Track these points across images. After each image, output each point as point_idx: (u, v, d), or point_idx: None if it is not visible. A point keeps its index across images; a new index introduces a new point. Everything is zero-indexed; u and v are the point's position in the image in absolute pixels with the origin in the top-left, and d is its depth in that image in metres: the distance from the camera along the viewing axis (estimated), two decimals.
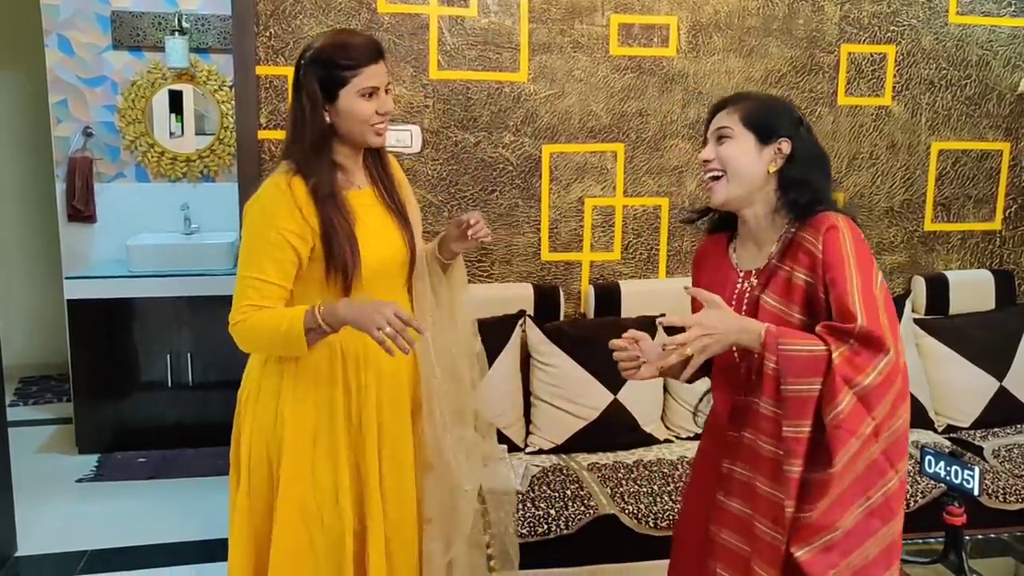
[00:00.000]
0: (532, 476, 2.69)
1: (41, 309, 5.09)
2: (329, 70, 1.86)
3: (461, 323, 2.09)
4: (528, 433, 2.96)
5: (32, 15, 4.33)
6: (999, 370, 3.20)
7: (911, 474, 2.69)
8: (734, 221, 1.80)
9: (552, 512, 2.52)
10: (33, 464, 3.92)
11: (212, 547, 3.15)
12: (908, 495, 2.66)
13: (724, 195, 1.71)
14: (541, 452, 2.90)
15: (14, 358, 4.99)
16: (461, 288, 2.12)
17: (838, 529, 1.53)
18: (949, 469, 2.04)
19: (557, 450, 2.91)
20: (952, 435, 3.13)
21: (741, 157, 1.69)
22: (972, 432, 3.14)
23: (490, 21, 3.05)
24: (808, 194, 1.67)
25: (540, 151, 3.14)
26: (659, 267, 3.28)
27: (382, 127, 1.92)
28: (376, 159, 2.02)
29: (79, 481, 3.78)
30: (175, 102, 4.40)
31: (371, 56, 1.88)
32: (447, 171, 3.09)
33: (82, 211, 4.32)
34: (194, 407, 4.08)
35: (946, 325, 3.28)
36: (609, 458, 2.86)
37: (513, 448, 2.88)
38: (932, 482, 2.61)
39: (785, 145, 1.69)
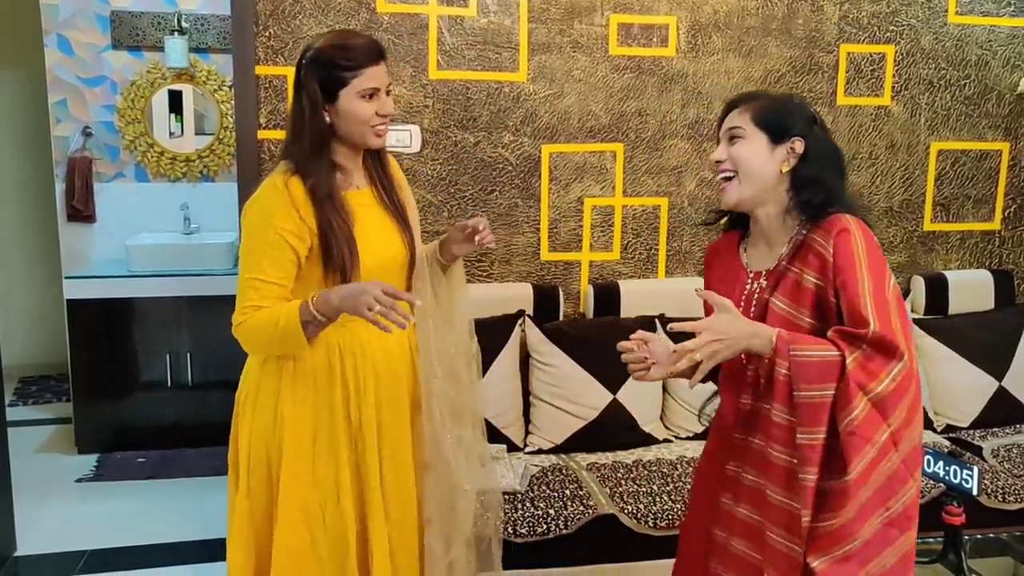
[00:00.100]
0: (531, 476, 2.70)
1: (40, 309, 5.09)
2: (329, 70, 1.86)
3: (459, 324, 2.09)
4: (527, 433, 2.96)
5: (32, 15, 4.33)
6: (998, 370, 3.20)
7: None
8: (747, 220, 1.77)
9: (551, 512, 2.52)
10: (32, 464, 3.92)
11: (211, 547, 3.15)
12: None
13: (736, 196, 1.69)
14: (540, 452, 2.90)
15: (14, 358, 4.99)
16: (460, 289, 2.13)
17: (857, 539, 1.51)
18: (948, 469, 2.04)
19: (556, 450, 2.91)
20: (951, 435, 3.13)
21: (753, 157, 1.66)
22: (971, 432, 3.14)
23: (489, 21, 3.05)
24: (821, 194, 1.64)
25: (539, 151, 3.14)
26: (658, 267, 3.28)
27: (382, 128, 1.92)
28: (376, 160, 2.01)
29: (78, 481, 3.78)
30: (175, 102, 4.40)
31: (372, 57, 1.87)
32: (447, 171, 3.09)
33: (82, 211, 4.32)
34: (193, 407, 4.08)
35: (945, 325, 3.28)
36: (608, 458, 2.86)
37: (512, 448, 2.89)
38: (931, 482, 2.61)
39: (798, 144, 1.66)
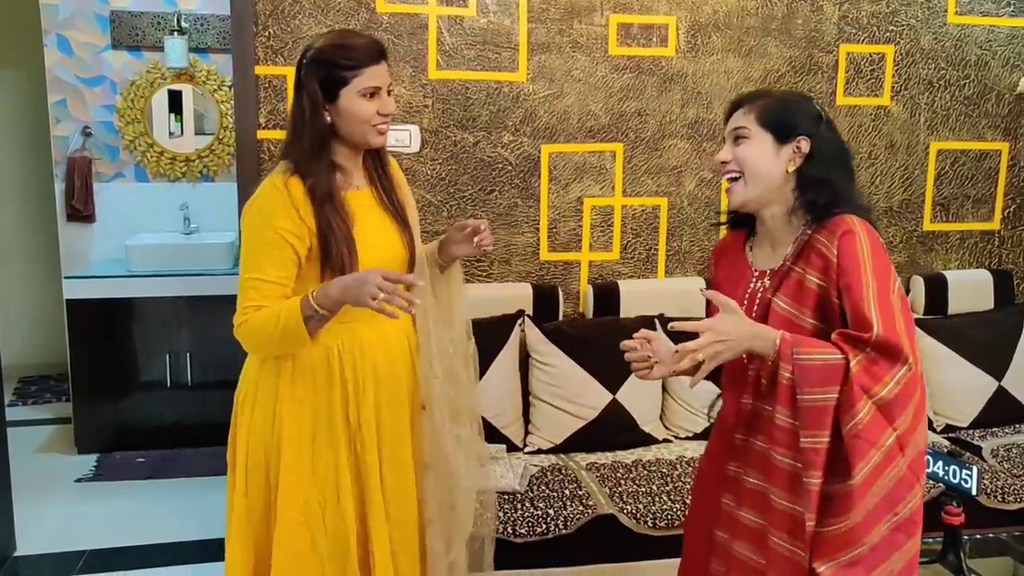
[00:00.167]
0: (531, 476, 2.70)
1: (40, 309, 5.09)
2: (330, 70, 1.85)
3: (457, 324, 2.09)
4: (527, 433, 2.96)
5: (31, 15, 4.33)
6: (998, 370, 3.20)
7: None
8: (754, 218, 1.76)
9: (551, 512, 2.52)
10: (32, 464, 3.92)
11: (211, 547, 3.15)
12: None
13: (742, 197, 1.68)
14: (540, 452, 2.90)
15: (13, 358, 4.99)
16: (458, 290, 2.13)
17: (864, 544, 1.50)
18: (947, 469, 2.04)
19: (556, 450, 2.91)
20: (951, 435, 3.13)
21: (759, 158, 1.66)
22: (971, 432, 3.14)
23: (489, 21, 3.05)
24: (827, 194, 1.63)
25: (539, 151, 3.14)
26: (658, 267, 3.28)
27: (384, 127, 1.92)
28: (376, 160, 2.01)
29: (78, 481, 3.78)
30: (174, 102, 4.40)
31: (373, 56, 1.87)
32: (446, 171, 3.09)
33: (81, 211, 4.32)
34: (193, 407, 4.08)
35: (945, 325, 3.28)
36: (608, 458, 2.86)
37: (512, 448, 2.89)
38: (931, 482, 2.61)
39: (804, 144, 1.65)
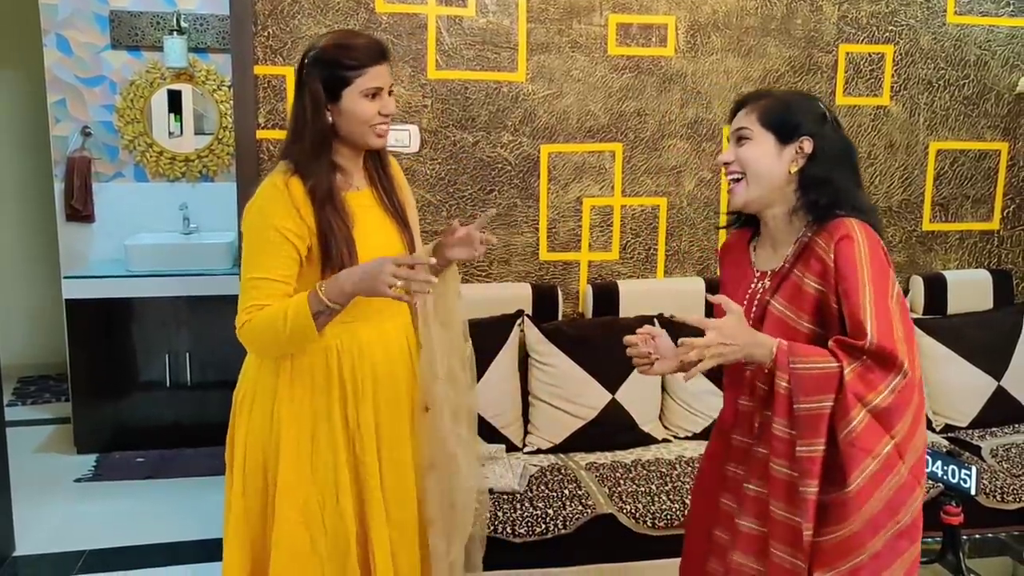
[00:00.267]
0: (530, 476, 2.70)
1: (39, 309, 5.09)
2: (333, 70, 1.85)
3: (454, 325, 2.09)
4: (526, 432, 2.96)
5: (31, 14, 4.33)
6: (997, 370, 3.20)
7: None
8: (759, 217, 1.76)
9: (550, 512, 2.52)
10: (31, 464, 3.92)
11: (210, 547, 3.15)
12: None
13: (744, 197, 1.68)
14: (539, 452, 2.90)
15: (12, 358, 4.99)
16: (455, 291, 2.12)
17: (865, 552, 1.50)
18: (946, 468, 2.04)
19: (555, 450, 2.91)
20: (950, 435, 3.13)
21: (761, 159, 1.65)
22: (970, 432, 3.14)
23: (488, 21, 3.05)
24: (829, 194, 1.62)
25: (538, 151, 3.14)
26: (657, 267, 3.28)
27: (383, 128, 1.92)
28: (376, 161, 2.01)
29: (77, 481, 3.78)
30: (174, 102, 4.40)
31: (375, 57, 1.87)
32: (445, 171, 3.09)
33: (80, 211, 4.32)
34: (192, 407, 4.08)
35: (944, 325, 3.28)
36: (607, 457, 2.86)
37: (511, 447, 2.88)
38: (930, 481, 2.61)
39: (807, 144, 1.64)
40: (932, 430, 3.13)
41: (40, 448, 4.16)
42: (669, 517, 2.54)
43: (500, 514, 2.49)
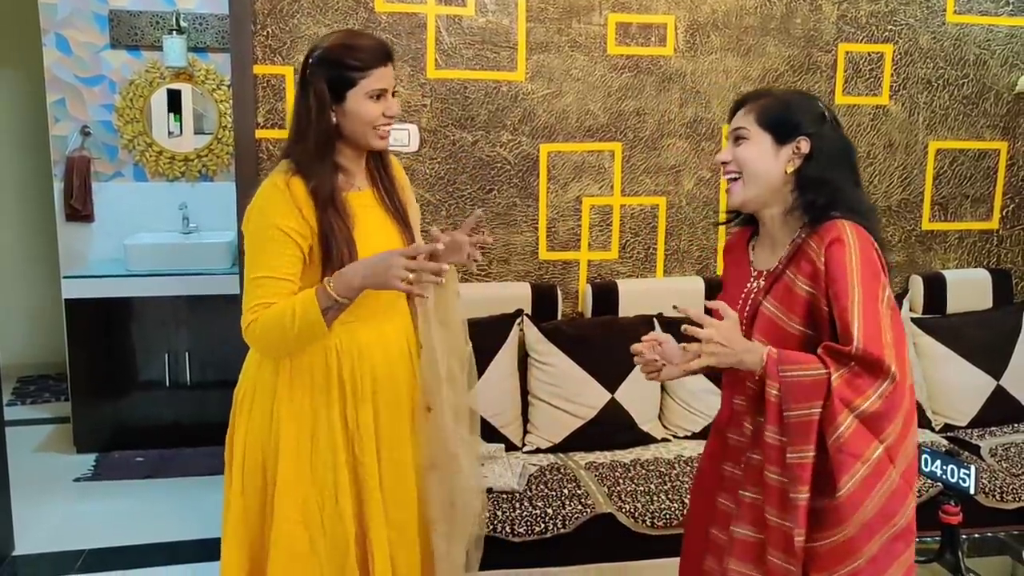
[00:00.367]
0: (529, 475, 2.70)
1: (39, 308, 5.09)
2: (338, 71, 1.85)
3: (454, 325, 2.09)
4: (526, 432, 2.96)
5: (30, 14, 4.32)
6: (996, 369, 3.20)
7: None
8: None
9: (549, 511, 2.52)
10: (31, 463, 3.92)
11: (209, 546, 3.14)
12: None
13: (741, 197, 1.68)
14: (539, 451, 2.90)
15: (12, 357, 5.00)
16: (454, 293, 2.12)
17: (862, 556, 1.50)
18: (945, 468, 2.04)
19: (555, 449, 2.91)
20: (949, 434, 3.13)
21: (758, 159, 1.65)
22: (969, 431, 3.14)
23: (488, 20, 3.05)
24: (826, 195, 1.62)
25: (538, 150, 3.14)
26: (656, 266, 3.28)
27: (386, 130, 1.92)
28: (378, 161, 2.01)
29: (77, 480, 3.78)
30: (173, 101, 4.40)
31: (380, 58, 1.87)
32: (445, 170, 3.09)
33: (80, 210, 4.32)
34: (192, 406, 4.08)
35: (943, 324, 3.28)
36: (606, 457, 2.86)
37: (511, 447, 2.88)
38: (929, 481, 2.61)
39: (804, 144, 1.64)
40: (931, 429, 3.13)
41: (39, 447, 4.16)
42: (668, 516, 2.54)
43: (499, 513, 2.49)
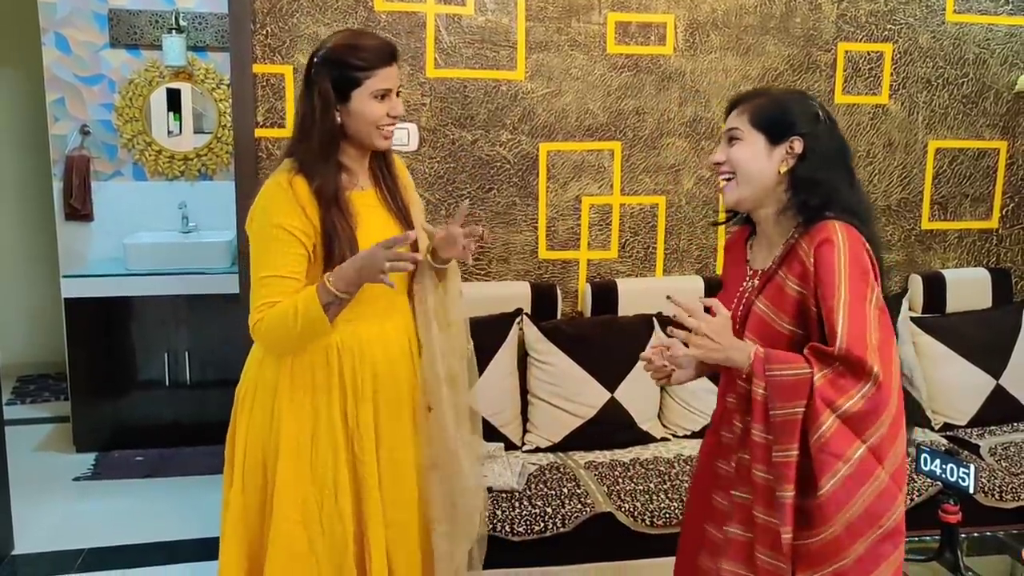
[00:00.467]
0: (529, 474, 2.70)
1: (39, 308, 5.09)
2: (343, 70, 1.86)
3: (455, 325, 2.09)
4: (525, 431, 2.96)
5: (29, 13, 4.32)
6: (996, 368, 3.20)
7: (907, 472, 2.69)
8: None
9: (549, 510, 2.52)
10: (30, 462, 3.92)
11: (209, 545, 3.14)
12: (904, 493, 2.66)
13: (735, 197, 1.69)
14: (538, 450, 2.90)
15: (11, 357, 5.00)
16: (455, 290, 2.12)
17: (849, 556, 1.51)
18: (945, 467, 2.04)
19: (554, 448, 2.91)
20: (949, 433, 3.13)
21: (751, 160, 1.66)
22: (969, 430, 3.14)
23: (487, 19, 3.05)
24: (820, 195, 1.62)
25: (537, 149, 3.14)
26: (656, 265, 3.28)
27: (390, 130, 1.92)
28: (381, 160, 2.02)
29: (76, 479, 3.78)
30: (173, 100, 4.40)
31: (385, 58, 1.88)
32: (444, 169, 3.09)
33: (79, 209, 4.32)
34: (192, 405, 4.08)
35: (943, 323, 3.28)
36: (606, 456, 2.86)
37: (510, 446, 2.88)
38: (928, 480, 2.62)
39: (797, 144, 1.64)
40: (931, 428, 3.13)
41: (39, 447, 4.16)
42: (667, 515, 2.54)
43: (499, 513, 2.49)
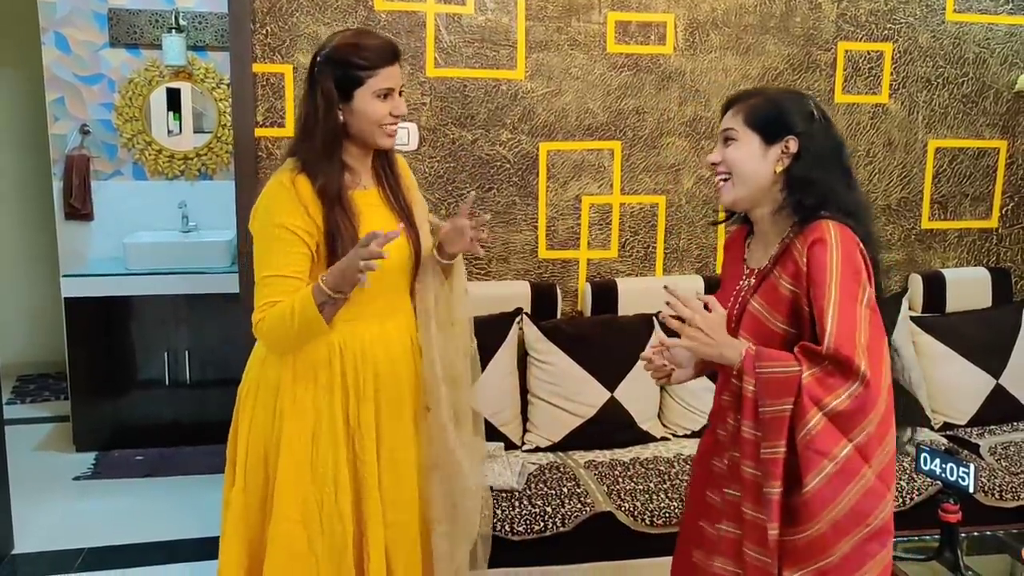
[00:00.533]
0: (529, 474, 2.70)
1: (39, 307, 5.09)
2: (346, 69, 1.86)
3: (459, 324, 2.09)
4: (525, 431, 2.96)
5: (29, 12, 4.32)
6: (996, 368, 3.20)
7: (907, 471, 2.69)
8: None
9: (549, 510, 2.52)
10: (30, 462, 3.92)
11: (209, 545, 3.13)
12: (904, 492, 2.66)
13: (731, 197, 1.69)
14: (538, 450, 2.90)
15: (12, 356, 5.00)
16: (461, 288, 2.12)
17: (834, 554, 1.52)
18: (944, 466, 2.05)
19: (554, 448, 2.91)
20: (949, 433, 3.13)
21: (746, 161, 1.66)
22: (968, 430, 3.14)
23: (487, 19, 3.05)
24: (815, 195, 1.62)
25: (537, 149, 3.14)
26: (656, 265, 3.28)
27: (393, 129, 1.93)
28: (384, 160, 2.02)
29: (76, 479, 3.78)
30: (173, 100, 4.40)
31: (388, 58, 1.88)
32: (444, 169, 3.09)
33: (79, 209, 4.32)
34: (191, 405, 4.08)
35: (943, 323, 3.28)
36: (606, 456, 2.86)
37: (510, 446, 2.88)
38: (928, 479, 2.62)
39: (792, 143, 1.65)
40: (931, 428, 3.13)
41: (39, 446, 4.16)
42: (667, 515, 2.54)
43: (499, 512, 2.49)
